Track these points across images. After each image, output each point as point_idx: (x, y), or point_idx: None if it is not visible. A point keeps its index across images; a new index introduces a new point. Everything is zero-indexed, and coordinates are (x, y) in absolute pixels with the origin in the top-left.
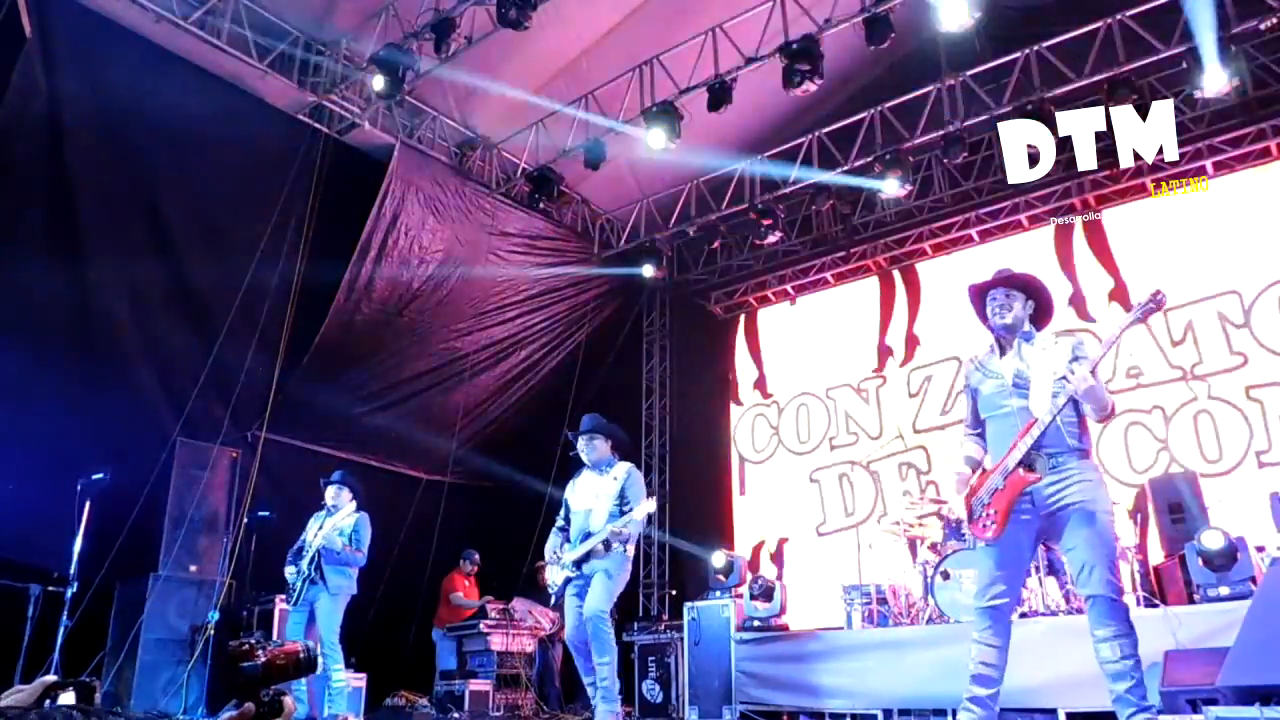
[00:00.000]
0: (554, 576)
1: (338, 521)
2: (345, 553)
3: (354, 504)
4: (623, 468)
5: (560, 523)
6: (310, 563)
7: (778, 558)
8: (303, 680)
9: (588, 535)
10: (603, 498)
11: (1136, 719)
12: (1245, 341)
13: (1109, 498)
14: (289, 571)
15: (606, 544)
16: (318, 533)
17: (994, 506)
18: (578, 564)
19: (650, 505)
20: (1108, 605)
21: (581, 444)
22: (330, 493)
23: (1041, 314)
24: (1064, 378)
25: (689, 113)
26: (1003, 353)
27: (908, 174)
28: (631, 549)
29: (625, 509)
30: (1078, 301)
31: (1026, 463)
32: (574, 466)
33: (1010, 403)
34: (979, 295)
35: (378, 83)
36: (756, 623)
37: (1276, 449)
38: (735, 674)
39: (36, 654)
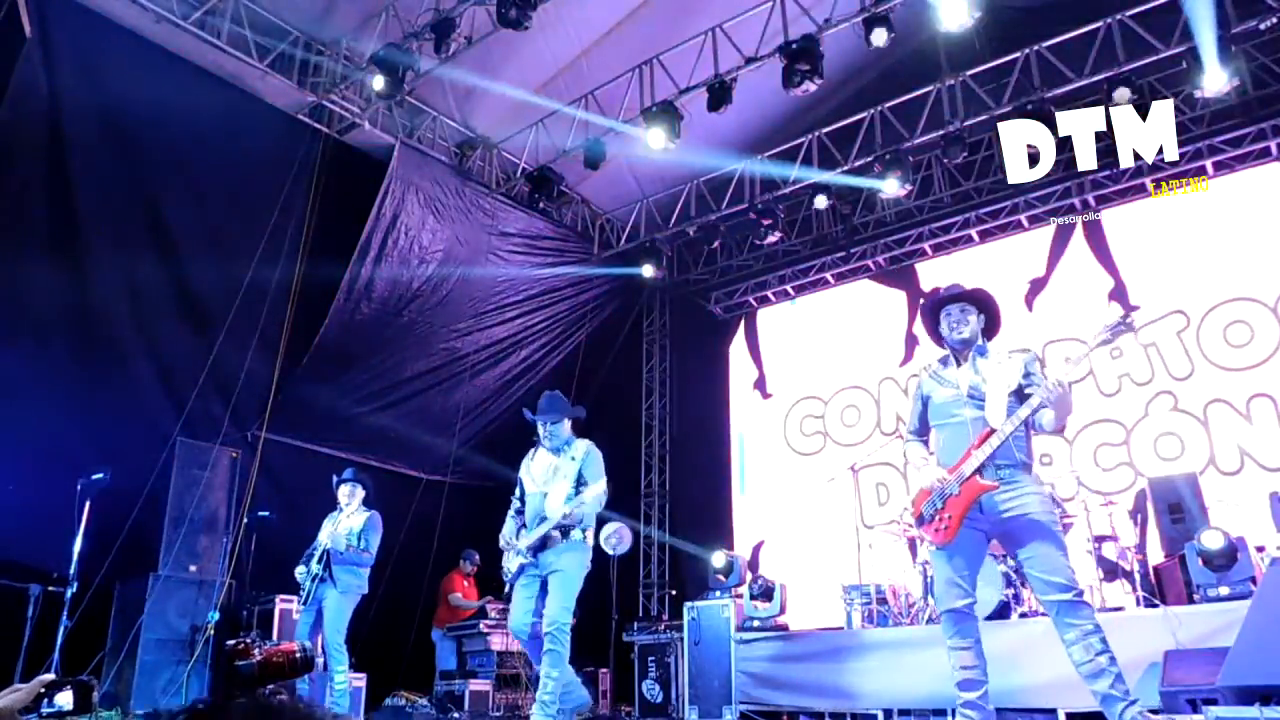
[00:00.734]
0: (510, 563)
1: (346, 521)
2: (351, 553)
3: (363, 502)
4: (581, 446)
5: (515, 505)
6: (319, 561)
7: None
8: (305, 680)
9: (543, 519)
10: (560, 479)
11: (1129, 712)
12: (1244, 342)
13: (1055, 511)
14: (299, 571)
15: (564, 530)
16: (330, 533)
17: (949, 511)
18: (534, 550)
19: (600, 487)
20: (1069, 605)
21: (542, 429)
22: (344, 491)
23: (991, 327)
24: (1028, 385)
25: (689, 113)
26: (958, 364)
27: (907, 174)
28: (592, 536)
29: (583, 489)
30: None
31: (981, 471)
32: (536, 444)
33: (963, 412)
34: (931, 311)
35: (378, 83)
36: (756, 623)
37: (1276, 449)
38: (735, 674)
39: (36, 654)
